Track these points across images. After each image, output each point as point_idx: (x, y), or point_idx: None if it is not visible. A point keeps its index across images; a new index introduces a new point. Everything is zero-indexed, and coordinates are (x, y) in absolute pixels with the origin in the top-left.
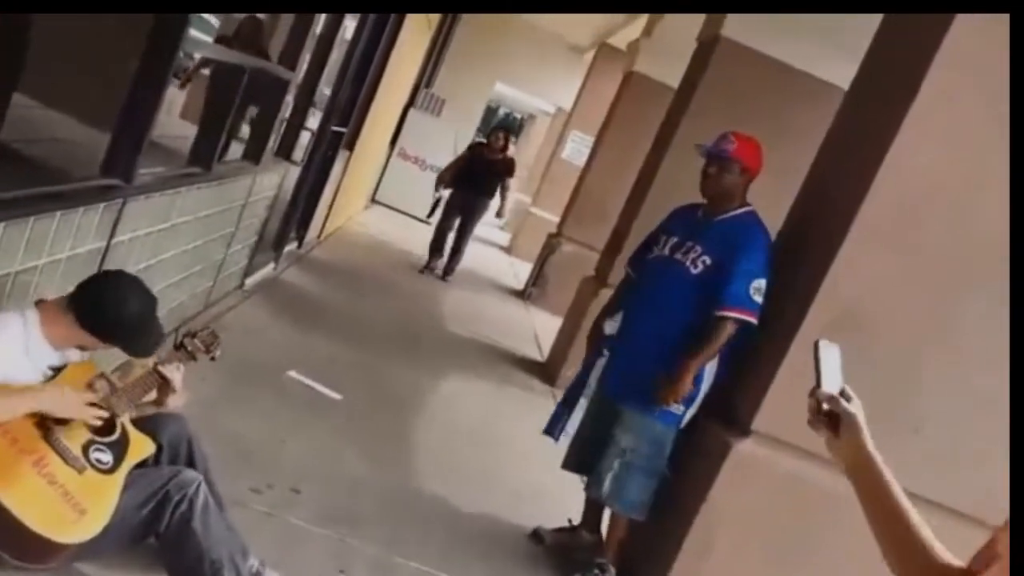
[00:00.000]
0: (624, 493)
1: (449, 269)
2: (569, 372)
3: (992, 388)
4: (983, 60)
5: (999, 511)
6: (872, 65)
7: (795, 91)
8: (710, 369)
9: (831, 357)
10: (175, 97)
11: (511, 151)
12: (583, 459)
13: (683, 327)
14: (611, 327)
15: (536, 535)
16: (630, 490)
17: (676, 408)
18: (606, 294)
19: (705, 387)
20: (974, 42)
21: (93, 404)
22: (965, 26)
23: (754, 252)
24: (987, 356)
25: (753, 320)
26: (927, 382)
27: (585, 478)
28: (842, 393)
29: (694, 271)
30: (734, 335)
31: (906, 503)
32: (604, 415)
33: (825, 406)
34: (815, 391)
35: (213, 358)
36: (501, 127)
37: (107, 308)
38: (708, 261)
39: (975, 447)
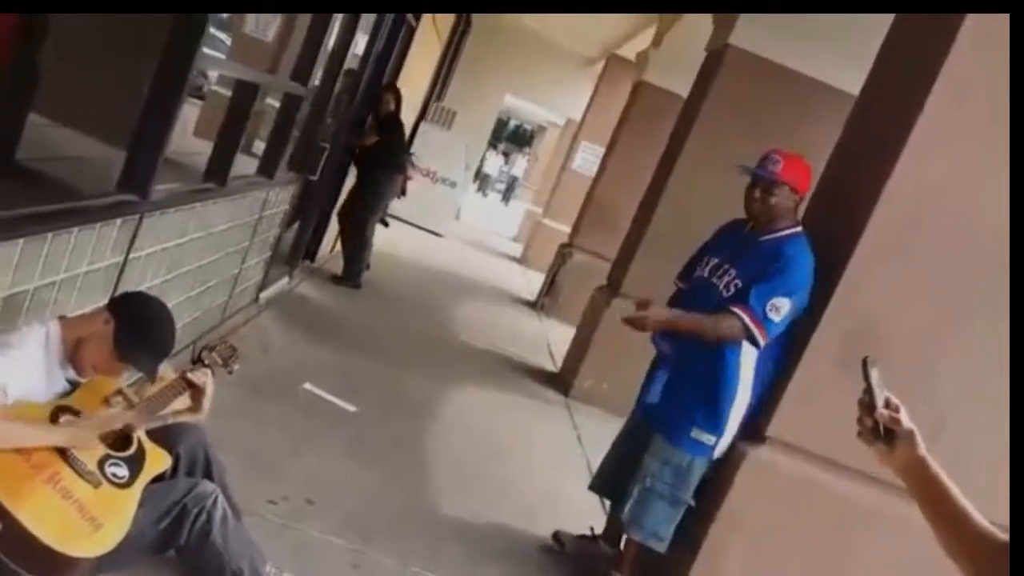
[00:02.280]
0: (644, 520)
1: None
2: (585, 384)
3: (1005, 390)
4: (991, 68)
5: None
6: (880, 73)
7: (806, 99)
8: (741, 399)
9: (875, 373)
10: (189, 114)
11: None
12: (610, 482)
13: (715, 354)
14: (664, 347)
15: (557, 539)
16: (650, 518)
17: (707, 439)
18: (618, 304)
19: (735, 418)
20: (982, 50)
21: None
22: (973, 34)
23: (785, 271)
24: (1000, 360)
25: (758, 334)
26: (944, 389)
27: (608, 501)
28: (887, 403)
29: (726, 295)
30: (737, 338)
31: (956, 492)
32: (636, 439)
33: (883, 424)
34: (870, 409)
35: (231, 372)
36: (385, 86)
37: (142, 317)
38: (739, 284)
39: (990, 451)
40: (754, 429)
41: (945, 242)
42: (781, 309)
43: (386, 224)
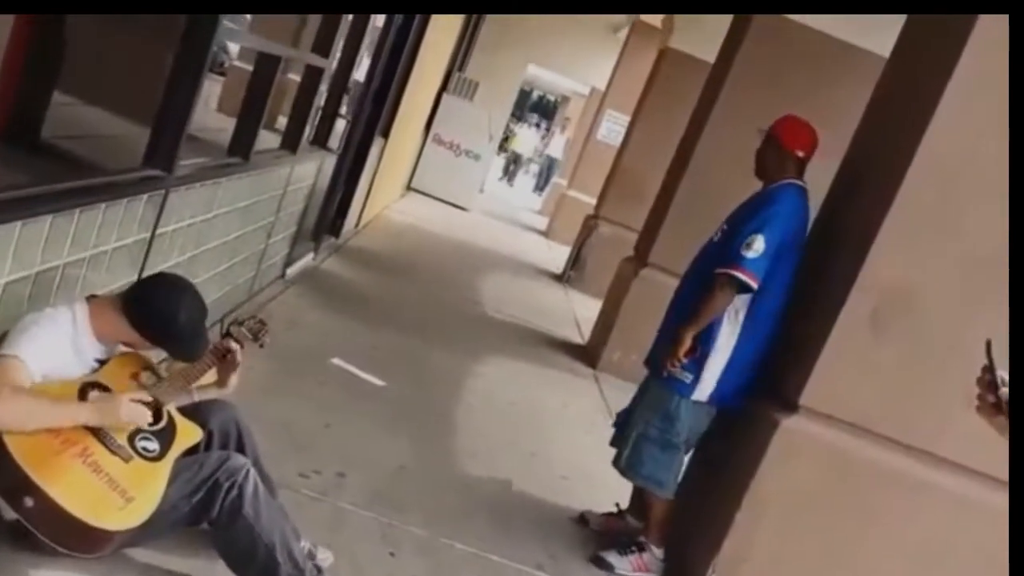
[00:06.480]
0: (638, 465)
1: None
2: (614, 356)
3: None
4: None
5: None
6: (909, 39)
7: (836, 63)
8: (725, 339)
9: (996, 354)
10: (212, 90)
11: None
12: (618, 435)
13: (699, 298)
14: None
15: (583, 519)
16: (644, 463)
17: (683, 375)
18: (646, 274)
19: (721, 356)
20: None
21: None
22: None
23: (759, 211)
24: None
25: (742, 276)
26: (973, 364)
27: None
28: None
29: (715, 240)
30: (732, 296)
31: None
32: (640, 391)
33: (1004, 401)
34: (992, 387)
35: (262, 345)
36: None
37: (159, 310)
38: (725, 227)
39: None
40: (785, 398)
41: (975, 212)
42: (752, 244)
43: None
